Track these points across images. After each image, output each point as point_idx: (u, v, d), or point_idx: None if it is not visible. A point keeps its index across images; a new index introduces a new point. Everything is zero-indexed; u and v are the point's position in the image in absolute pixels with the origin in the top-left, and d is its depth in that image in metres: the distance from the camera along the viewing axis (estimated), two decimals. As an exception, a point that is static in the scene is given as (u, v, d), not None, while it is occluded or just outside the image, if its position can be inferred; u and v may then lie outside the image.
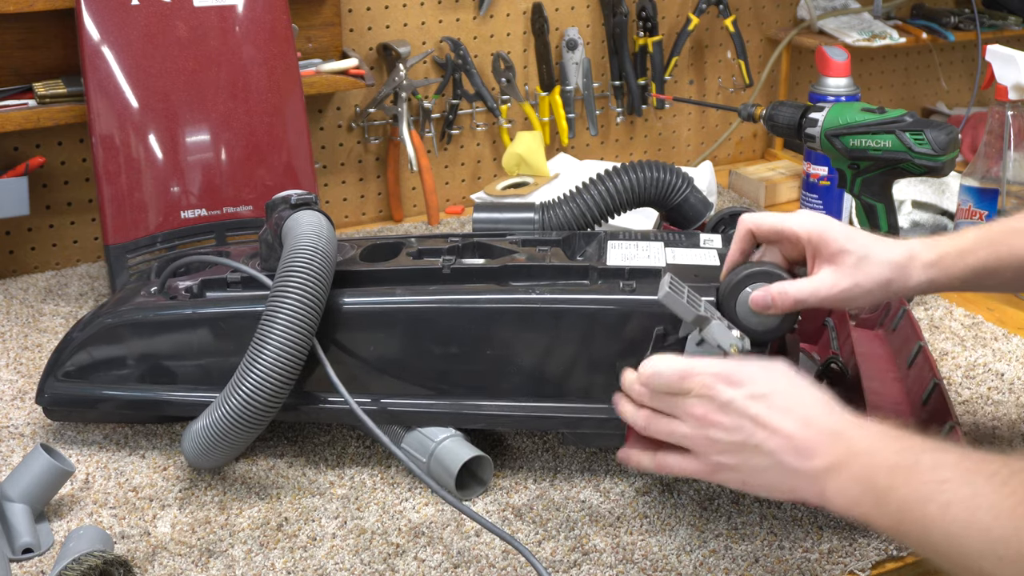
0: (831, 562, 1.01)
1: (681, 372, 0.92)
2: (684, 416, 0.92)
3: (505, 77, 1.87)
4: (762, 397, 0.89)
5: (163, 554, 1.03)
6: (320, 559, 1.02)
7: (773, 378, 0.91)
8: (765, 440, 0.88)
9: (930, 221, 1.68)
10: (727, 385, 0.90)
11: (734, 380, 0.90)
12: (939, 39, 2.04)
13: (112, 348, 1.19)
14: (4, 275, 1.66)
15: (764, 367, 0.92)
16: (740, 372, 0.91)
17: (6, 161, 1.60)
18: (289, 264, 1.08)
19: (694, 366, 0.92)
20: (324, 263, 1.09)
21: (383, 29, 1.81)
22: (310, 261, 1.08)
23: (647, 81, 1.98)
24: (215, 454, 1.09)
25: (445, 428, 1.13)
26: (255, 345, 1.05)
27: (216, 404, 1.07)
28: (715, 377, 0.91)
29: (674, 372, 0.92)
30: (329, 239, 1.13)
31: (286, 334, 1.05)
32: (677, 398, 0.93)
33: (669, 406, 0.93)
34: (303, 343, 1.06)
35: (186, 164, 1.54)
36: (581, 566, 1.01)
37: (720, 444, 0.90)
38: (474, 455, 1.10)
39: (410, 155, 1.77)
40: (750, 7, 2.08)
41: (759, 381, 0.90)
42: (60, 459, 1.07)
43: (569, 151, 1.97)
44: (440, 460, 1.10)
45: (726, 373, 0.91)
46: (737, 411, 0.89)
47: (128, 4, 1.50)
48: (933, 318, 1.45)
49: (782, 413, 0.88)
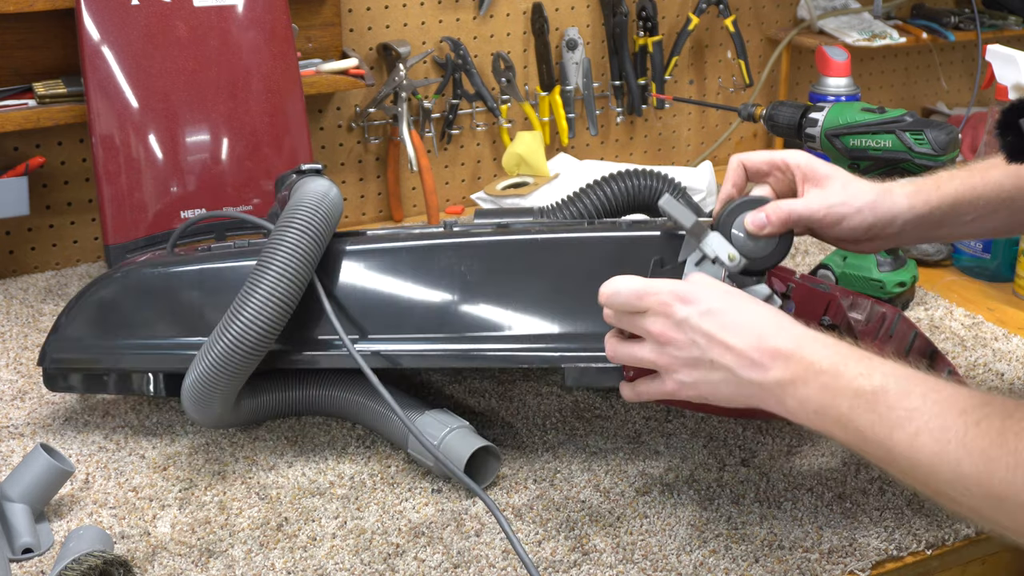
0: (831, 562, 1.01)
1: (638, 291, 0.94)
2: (644, 335, 0.94)
3: (505, 77, 1.87)
4: (714, 313, 0.91)
5: (163, 554, 1.03)
6: (320, 559, 1.02)
7: (727, 297, 0.93)
8: (719, 356, 0.90)
9: (930, 221, 1.68)
10: (682, 303, 0.92)
11: (688, 298, 0.92)
12: (939, 39, 2.04)
13: (118, 301, 1.20)
14: (4, 275, 1.66)
15: (719, 286, 0.94)
16: (694, 290, 0.92)
17: (6, 161, 1.60)
18: (294, 207, 1.11)
19: (651, 284, 0.94)
20: (328, 208, 1.12)
21: (383, 29, 1.81)
22: (314, 204, 1.11)
23: (647, 81, 1.98)
24: (217, 386, 1.08)
25: (453, 418, 1.13)
26: (255, 273, 1.07)
27: (217, 331, 1.07)
28: (671, 295, 0.92)
29: (631, 291, 0.94)
30: (334, 198, 1.15)
31: (286, 259, 1.06)
32: (636, 316, 0.94)
33: (630, 324, 0.95)
34: (302, 269, 1.08)
35: (186, 164, 1.54)
36: (581, 566, 1.01)
37: (678, 360, 0.92)
38: (483, 444, 1.10)
39: (410, 155, 1.77)
40: (750, 7, 2.08)
41: (712, 298, 0.92)
42: (60, 459, 1.07)
43: (569, 151, 1.97)
44: (450, 449, 1.10)
45: (681, 292, 0.92)
46: (691, 328, 0.91)
47: (128, 4, 1.50)
48: (933, 318, 1.45)
49: (734, 329, 0.90)
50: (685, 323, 0.91)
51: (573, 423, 1.23)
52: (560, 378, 1.32)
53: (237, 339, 1.06)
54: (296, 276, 1.07)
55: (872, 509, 1.07)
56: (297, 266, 1.07)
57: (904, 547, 1.03)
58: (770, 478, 1.12)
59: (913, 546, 1.03)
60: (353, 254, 1.17)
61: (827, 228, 1.07)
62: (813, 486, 1.11)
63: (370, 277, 1.16)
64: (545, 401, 1.28)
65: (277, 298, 1.06)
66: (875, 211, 1.06)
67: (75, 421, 1.25)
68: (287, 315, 1.08)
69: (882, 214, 1.06)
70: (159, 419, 1.26)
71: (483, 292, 1.13)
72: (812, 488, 1.10)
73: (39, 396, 1.30)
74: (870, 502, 1.08)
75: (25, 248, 1.68)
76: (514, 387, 1.31)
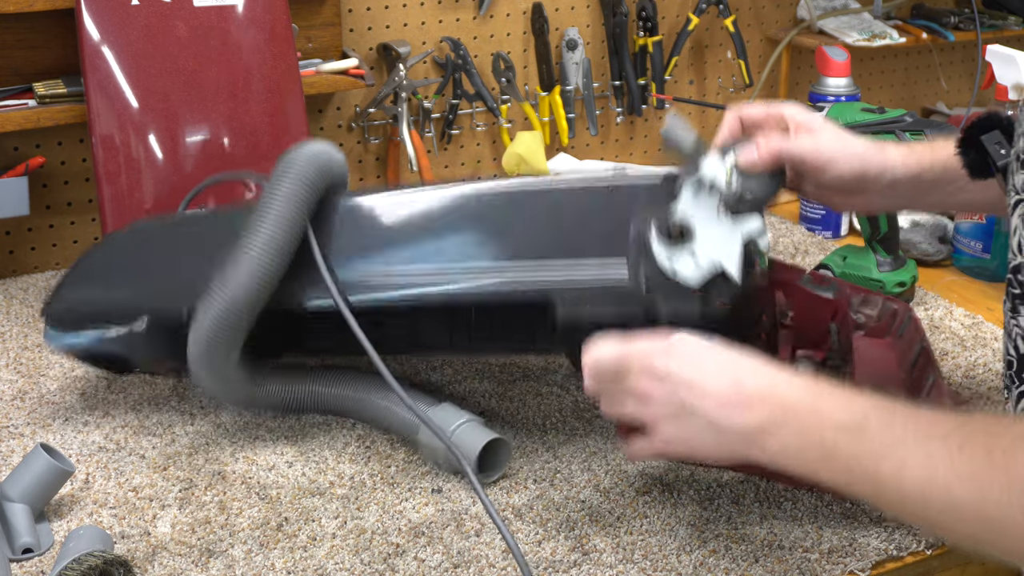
0: (831, 562, 1.01)
1: (619, 355, 0.93)
2: (631, 396, 0.93)
3: (505, 77, 1.87)
4: (694, 361, 0.90)
5: (163, 554, 1.03)
6: (320, 559, 1.02)
7: (707, 346, 0.91)
8: (697, 402, 0.88)
9: (930, 221, 1.68)
10: (664, 356, 0.91)
11: (670, 351, 0.91)
12: (939, 39, 2.04)
13: (124, 256, 1.23)
14: (4, 275, 1.66)
15: (699, 338, 0.93)
16: (676, 343, 0.91)
17: (6, 161, 1.60)
18: (289, 156, 1.15)
19: (630, 347, 0.93)
20: (324, 157, 1.15)
21: (383, 29, 1.81)
22: (309, 153, 1.15)
23: (647, 81, 1.98)
24: (221, 340, 1.10)
25: (460, 413, 1.14)
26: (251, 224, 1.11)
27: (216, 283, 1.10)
28: (651, 350, 0.91)
29: (612, 357, 0.93)
30: (329, 150, 1.18)
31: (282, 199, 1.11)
32: (621, 381, 0.93)
33: (619, 389, 0.94)
34: (296, 210, 1.11)
35: (186, 164, 1.54)
36: (581, 566, 1.01)
37: (661, 414, 0.90)
38: (494, 437, 1.11)
39: (410, 155, 1.77)
40: (750, 7, 2.08)
41: (692, 348, 0.91)
42: (60, 459, 1.07)
43: (569, 151, 1.97)
44: (461, 441, 1.11)
45: (663, 346, 0.91)
46: (672, 379, 0.90)
47: (128, 4, 1.50)
48: (933, 318, 1.45)
49: (714, 375, 0.88)
50: (667, 376, 0.90)
51: (573, 423, 1.23)
52: (560, 378, 1.32)
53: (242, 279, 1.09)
54: (290, 218, 1.11)
55: (872, 509, 1.07)
56: (291, 208, 1.11)
57: (904, 547, 1.03)
58: (770, 478, 1.12)
59: (913, 546, 1.03)
60: (348, 206, 1.20)
61: (817, 172, 1.07)
62: (813, 486, 1.11)
63: (364, 226, 1.18)
64: (545, 401, 1.28)
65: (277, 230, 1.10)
66: (864, 160, 1.06)
67: (75, 421, 1.25)
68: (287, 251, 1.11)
69: (873, 165, 1.06)
70: (159, 419, 1.26)
71: (475, 238, 1.14)
72: (812, 488, 1.10)
73: (39, 396, 1.30)
74: (870, 502, 1.08)
75: (25, 248, 1.68)
76: (514, 387, 1.31)
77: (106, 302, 1.21)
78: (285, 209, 1.11)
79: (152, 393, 1.31)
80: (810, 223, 1.75)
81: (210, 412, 1.27)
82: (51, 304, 1.22)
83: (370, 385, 1.20)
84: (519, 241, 1.13)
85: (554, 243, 1.12)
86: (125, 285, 1.22)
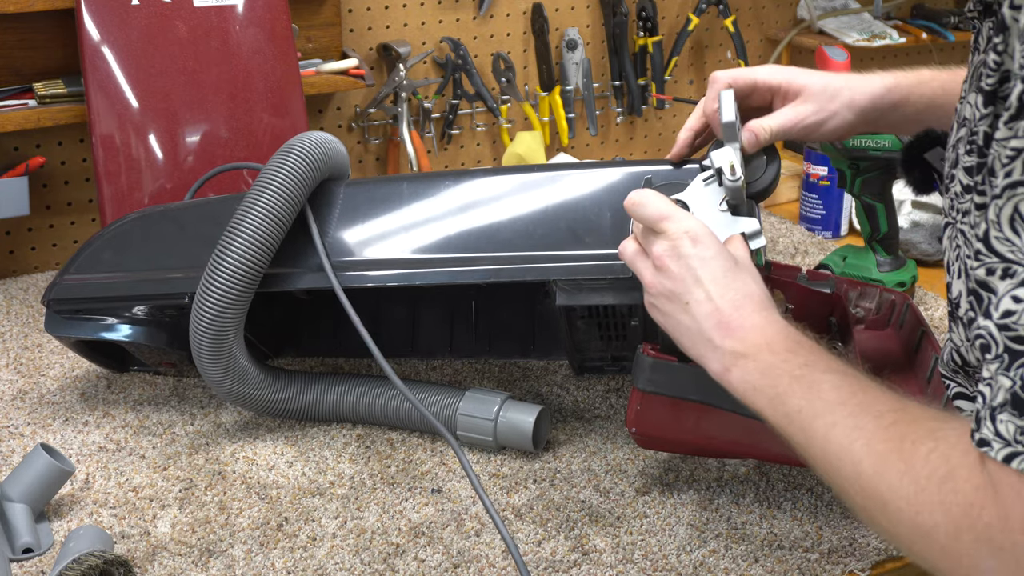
0: (831, 562, 1.01)
1: (662, 213, 0.95)
2: (648, 252, 0.96)
3: (505, 77, 1.87)
4: (714, 265, 0.93)
5: (163, 554, 1.03)
6: (320, 559, 1.03)
7: (732, 259, 0.94)
8: (697, 302, 0.92)
9: (930, 221, 1.68)
10: (692, 241, 0.93)
11: (699, 240, 0.94)
12: (939, 39, 2.04)
13: (126, 244, 1.23)
14: (4, 275, 1.66)
15: (730, 249, 0.96)
16: (708, 238, 0.94)
17: (6, 161, 1.60)
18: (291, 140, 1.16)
19: (674, 213, 0.95)
20: (320, 144, 1.16)
21: (383, 29, 1.81)
22: (306, 139, 1.16)
23: (647, 81, 1.98)
24: (223, 318, 1.10)
25: (495, 393, 1.18)
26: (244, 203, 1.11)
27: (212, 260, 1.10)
28: (686, 230, 0.94)
29: (656, 211, 0.96)
30: (327, 138, 1.19)
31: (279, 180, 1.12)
32: (650, 234, 0.96)
33: (643, 236, 0.97)
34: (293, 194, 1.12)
35: (186, 164, 1.54)
36: (581, 566, 1.01)
37: (661, 287, 0.94)
38: (541, 409, 1.16)
39: (410, 155, 1.77)
40: (750, 7, 2.08)
41: (718, 253, 0.94)
42: (60, 459, 1.07)
43: (569, 151, 1.97)
44: (510, 421, 1.15)
45: (696, 232, 0.94)
46: (687, 265, 0.93)
47: (128, 4, 1.50)
48: (933, 318, 1.45)
49: (723, 286, 0.92)
50: (684, 259, 0.93)
51: (573, 423, 1.23)
52: (560, 378, 1.32)
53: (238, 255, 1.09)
54: (288, 193, 1.12)
55: (872, 509, 1.07)
56: (288, 184, 1.12)
57: (904, 547, 1.03)
58: (770, 478, 1.12)
59: (913, 546, 1.03)
60: (347, 190, 1.20)
61: (812, 133, 1.10)
62: (813, 486, 1.11)
63: (365, 206, 1.19)
64: (545, 401, 1.27)
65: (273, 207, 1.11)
66: (852, 107, 1.08)
67: (75, 421, 1.25)
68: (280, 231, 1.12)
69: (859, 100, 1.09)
70: (159, 419, 1.26)
71: (475, 220, 1.15)
72: (812, 488, 1.11)
73: (39, 396, 1.31)
74: (870, 502, 1.08)
75: (25, 248, 1.68)
76: (514, 387, 1.31)
77: (108, 289, 1.21)
78: (283, 181, 1.12)
79: (152, 393, 1.31)
80: (810, 223, 1.75)
81: (210, 412, 1.27)
82: (53, 291, 1.23)
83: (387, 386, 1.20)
84: (520, 229, 1.14)
85: (554, 232, 1.13)
86: (127, 273, 1.22)
